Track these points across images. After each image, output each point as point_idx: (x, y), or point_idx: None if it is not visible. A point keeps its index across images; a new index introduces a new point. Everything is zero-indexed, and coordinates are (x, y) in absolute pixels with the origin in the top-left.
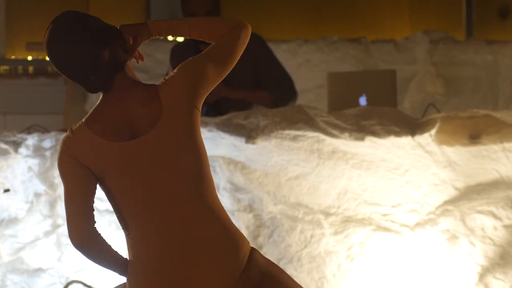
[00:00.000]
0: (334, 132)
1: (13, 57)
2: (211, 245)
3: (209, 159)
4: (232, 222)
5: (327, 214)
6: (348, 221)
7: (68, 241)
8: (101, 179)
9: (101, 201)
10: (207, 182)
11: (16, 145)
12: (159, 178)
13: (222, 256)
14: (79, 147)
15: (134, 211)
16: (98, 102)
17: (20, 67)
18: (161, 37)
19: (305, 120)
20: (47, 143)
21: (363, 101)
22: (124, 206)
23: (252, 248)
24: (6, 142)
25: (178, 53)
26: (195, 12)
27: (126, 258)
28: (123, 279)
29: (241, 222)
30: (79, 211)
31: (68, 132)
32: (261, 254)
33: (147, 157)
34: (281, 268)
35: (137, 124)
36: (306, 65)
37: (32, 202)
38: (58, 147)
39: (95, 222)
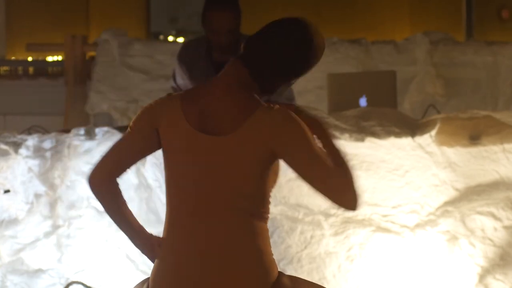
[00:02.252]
0: (334, 133)
1: (13, 58)
2: (238, 265)
3: None
4: (267, 248)
5: (327, 215)
6: (348, 222)
7: (68, 242)
8: (165, 153)
9: None
10: (260, 205)
11: (16, 146)
12: (215, 182)
13: (248, 280)
14: (164, 113)
15: (178, 202)
16: (202, 86)
17: (20, 68)
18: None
19: None
20: (47, 144)
21: (363, 102)
22: (172, 192)
23: (280, 274)
24: (6, 143)
25: (189, 50)
26: (214, 29)
27: (143, 227)
28: (128, 282)
29: None
30: (113, 158)
31: (165, 96)
32: (288, 278)
33: (213, 156)
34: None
35: (219, 125)
36: None
37: (32, 203)
38: (148, 104)
39: (118, 176)
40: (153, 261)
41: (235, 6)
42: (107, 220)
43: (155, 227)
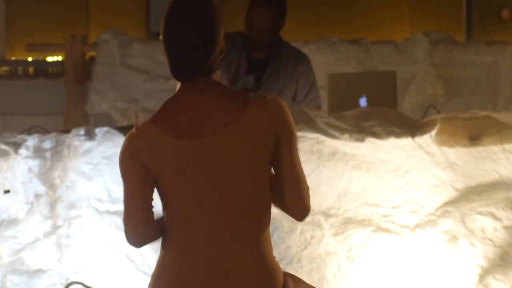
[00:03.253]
0: (334, 133)
1: (13, 58)
2: (245, 270)
3: None
4: (271, 251)
5: (327, 215)
6: (348, 222)
7: (68, 242)
8: (156, 177)
9: (101, 202)
10: (264, 206)
11: (16, 146)
12: (214, 187)
13: (254, 285)
14: (141, 143)
15: (179, 214)
16: (173, 96)
17: (20, 68)
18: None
19: (305, 121)
20: (47, 144)
21: (363, 102)
22: (171, 206)
23: (285, 278)
24: (6, 143)
25: (226, 41)
26: (253, 25)
27: None
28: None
29: None
30: (138, 210)
31: (133, 129)
32: (292, 281)
33: (207, 161)
34: None
35: (206, 126)
36: None
37: (32, 203)
38: (123, 144)
39: (153, 219)
40: None
41: (281, 6)
42: (107, 220)
43: None
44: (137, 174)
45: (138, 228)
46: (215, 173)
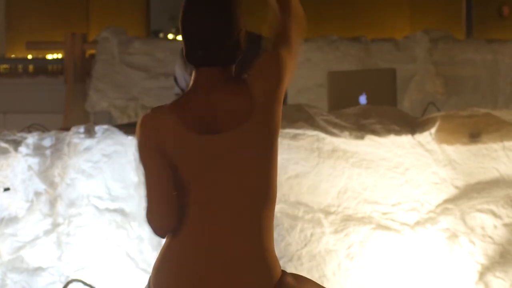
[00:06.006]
0: (334, 131)
1: (13, 56)
2: (244, 263)
3: None
4: (272, 245)
5: (327, 212)
6: (348, 219)
7: (68, 240)
8: (171, 164)
9: (100, 199)
10: (270, 200)
11: (16, 144)
12: (225, 180)
13: (252, 278)
14: (158, 127)
15: (188, 203)
16: (186, 91)
17: (20, 66)
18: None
19: (305, 119)
20: (47, 142)
21: (363, 99)
22: (183, 195)
23: (283, 272)
24: (6, 141)
25: None
26: None
27: None
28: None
29: None
30: (162, 197)
31: (149, 111)
32: (291, 277)
33: (221, 156)
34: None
35: (221, 120)
36: (306, 64)
37: (32, 201)
38: (137, 129)
39: (174, 215)
40: None
41: None
42: (107, 218)
43: None
44: (158, 155)
45: (169, 211)
46: (227, 166)
